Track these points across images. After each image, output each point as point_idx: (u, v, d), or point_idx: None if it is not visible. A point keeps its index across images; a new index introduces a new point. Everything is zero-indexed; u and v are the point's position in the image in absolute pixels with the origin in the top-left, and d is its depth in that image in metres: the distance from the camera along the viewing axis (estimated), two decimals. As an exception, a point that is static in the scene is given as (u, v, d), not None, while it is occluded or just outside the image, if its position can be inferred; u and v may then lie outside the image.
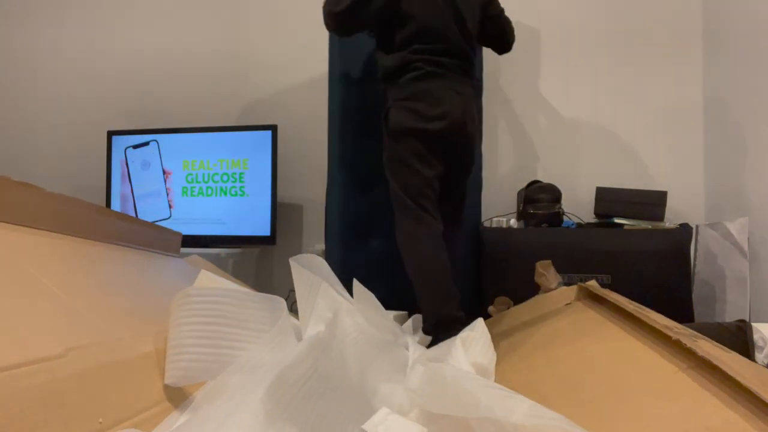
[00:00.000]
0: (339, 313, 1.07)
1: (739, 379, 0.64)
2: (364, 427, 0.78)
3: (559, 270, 1.84)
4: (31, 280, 0.82)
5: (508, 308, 1.77)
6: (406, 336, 1.40)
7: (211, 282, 1.36)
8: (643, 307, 1.13)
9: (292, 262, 1.21)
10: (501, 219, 2.27)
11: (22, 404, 0.60)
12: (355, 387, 0.89)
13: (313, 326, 1.08)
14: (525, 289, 1.85)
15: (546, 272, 1.71)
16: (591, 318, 1.29)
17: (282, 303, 0.96)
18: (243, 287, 1.50)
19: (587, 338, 1.17)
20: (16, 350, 0.64)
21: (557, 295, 1.56)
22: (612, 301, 1.23)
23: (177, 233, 1.77)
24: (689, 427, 0.65)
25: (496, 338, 1.50)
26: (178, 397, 0.84)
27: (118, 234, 1.37)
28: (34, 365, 0.64)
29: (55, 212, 1.12)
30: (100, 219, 1.30)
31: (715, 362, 0.69)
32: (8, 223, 0.98)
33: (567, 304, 1.51)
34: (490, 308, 1.86)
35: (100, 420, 0.68)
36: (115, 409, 0.72)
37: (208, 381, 0.85)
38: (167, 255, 1.70)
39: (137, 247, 1.48)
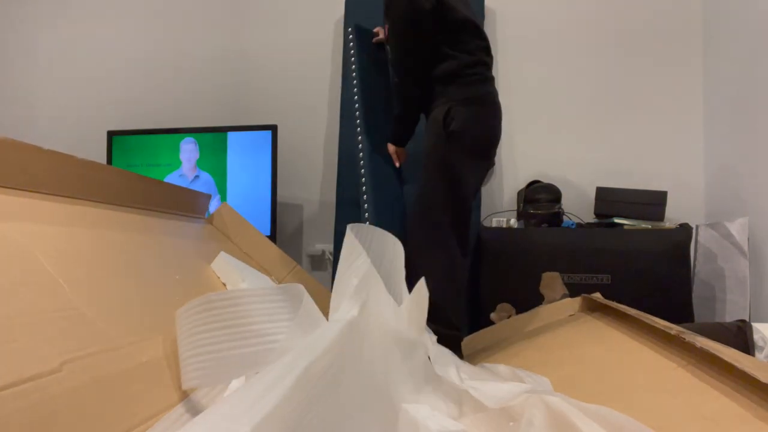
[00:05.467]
0: (368, 305, 1.03)
1: (736, 364, 0.64)
2: (406, 406, 0.79)
3: (559, 270, 1.84)
4: (37, 270, 0.82)
5: (510, 316, 1.77)
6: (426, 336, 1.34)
7: (226, 265, 1.35)
8: (645, 314, 1.14)
9: (348, 228, 1.13)
10: (501, 219, 2.27)
11: (9, 429, 0.58)
12: (379, 386, 0.89)
13: (345, 308, 1.05)
14: (524, 290, 1.85)
15: (552, 283, 1.71)
16: (594, 325, 1.30)
17: (301, 288, 0.94)
18: (259, 273, 1.48)
19: (589, 343, 1.18)
20: (10, 367, 0.63)
21: (561, 305, 1.56)
22: (614, 308, 1.24)
23: (206, 195, 1.76)
24: (687, 416, 0.66)
25: (500, 346, 1.50)
26: (172, 407, 0.84)
27: (141, 198, 1.36)
28: (27, 383, 0.63)
29: (72, 176, 1.11)
30: (121, 182, 1.28)
31: (713, 351, 0.69)
32: (15, 189, 0.97)
33: (570, 315, 1.52)
34: (492, 315, 1.86)
35: None
36: (109, 426, 0.71)
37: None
38: (193, 218, 1.70)
39: (161, 210, 1.47)
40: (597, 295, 1.50)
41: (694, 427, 0.65)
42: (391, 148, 1.84)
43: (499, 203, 2.54)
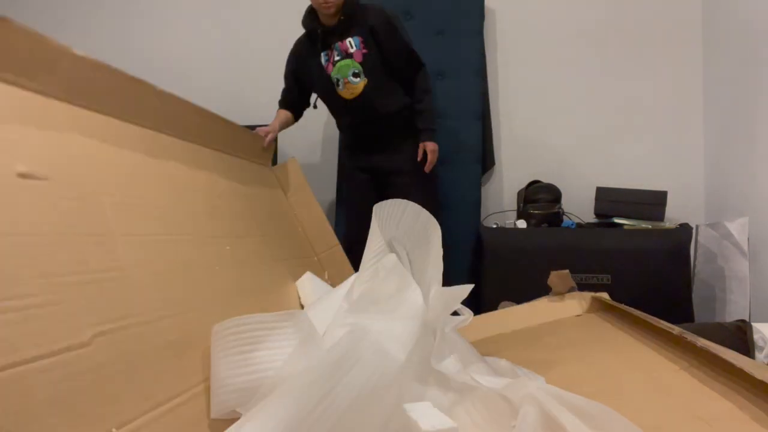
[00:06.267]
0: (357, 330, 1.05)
1: (734, 362, 0.64)
2: (405, 406, 0.82)
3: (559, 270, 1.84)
4: (96, 218, 0.81)
5: None
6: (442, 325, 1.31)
7: (310, 285, 1.43)
8: (652, 317, 1.14)
9: (376, 207, 1.17)
10: (505, 220, 2.28)
11: (30, 404, 0.58)
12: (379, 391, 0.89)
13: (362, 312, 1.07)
14: (525, 289, 1.84)
15: (561, 280, 1.71)
16: (599, 326, 1.31)
17: (303, 315, 0.98)
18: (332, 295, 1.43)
19: (594, 343, 1.19)
20: (45, 336, 0.63)
21: (568, 304, 1.57)
22: (620, 308, 1.25)
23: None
24: (682, 417, 0.66)
25: (505, 341, 1.51)
26: (186, 392, 0.85)
27: (215, 138, 1.41)
28: (57, 356, 0.63)
29: (156, 107, 1.14)
30: (200, 120, 1.32)
31: (713, 351, 0.69)
32: (103, 113, 0.98)
33: (577, 315, 1.52)
34: None
35: (113, 431, 0.67)
36: (126, 409, 0.71)
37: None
38: (260, 164, 1.76)
39: (232, 154, 1.54)
40: (604, 295, 1.50)
41: (687, 427, 0.65)
42: (435, 146, 1.92)
43: (499, 203, 2.54)
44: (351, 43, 1.85)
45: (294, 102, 2.06)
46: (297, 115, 2.10)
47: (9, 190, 0.71)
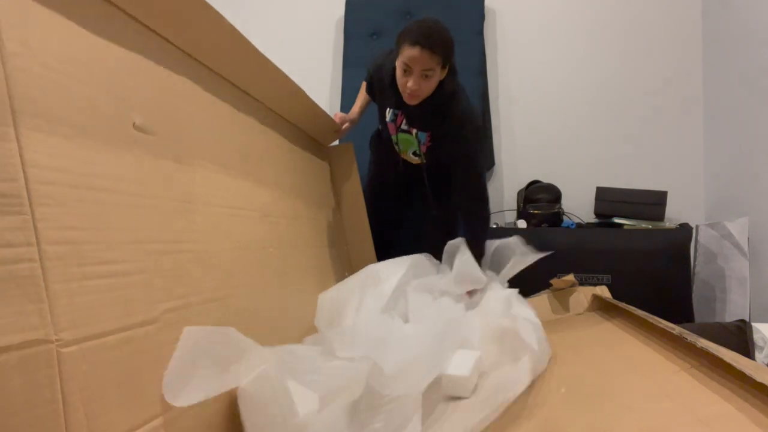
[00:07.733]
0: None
1: (734, 364, 0.64)
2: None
3: (559, 270, 1.84)
4: (188, 188, 0.82)
5: None
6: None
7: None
8: (652, 316, 1.15)
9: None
10: (500, 218, 2.27)
11: (99, 380, 0.57)
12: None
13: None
14: (525, 289, 1.85)
15: (563, 284, 1.71)
16: (602, 326, 1.31)
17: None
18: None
19: (596, 344, 1.19)
20: (121, 309, 0.62)
21: (568, 301, 1.57)
22: (621, 307, 1.25)
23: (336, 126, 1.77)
24: (681, 419, 0.66)
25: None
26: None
27: (292, 108, 1.46)
28: (128, 332, 0.62)
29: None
30: (282, 88, 1.36)
31: (714, 352, 0.69)
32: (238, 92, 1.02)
33: (578, 314, 1.53)
34: None
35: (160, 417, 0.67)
36: None
37: None
38: (320, 144, 1.78)
39: (301, 125, 1.56)
40: (604, 289, 1.50)
41: (687, 429, 0.65)
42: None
43: (499, 203, 2.54)
44: (417, 134, 1.63)
45: None
46: None
47: (123, 144, 0.68)
